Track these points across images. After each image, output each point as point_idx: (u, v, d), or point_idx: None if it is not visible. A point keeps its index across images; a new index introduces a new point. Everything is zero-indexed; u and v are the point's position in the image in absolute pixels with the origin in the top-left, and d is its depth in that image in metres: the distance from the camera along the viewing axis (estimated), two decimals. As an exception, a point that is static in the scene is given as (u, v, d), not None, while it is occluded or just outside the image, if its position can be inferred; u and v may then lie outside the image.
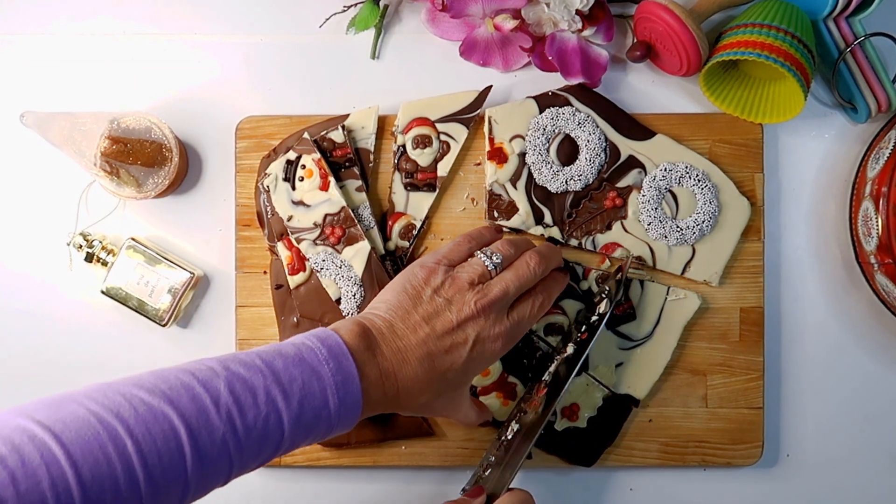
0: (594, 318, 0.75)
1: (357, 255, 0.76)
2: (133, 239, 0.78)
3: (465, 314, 0.65)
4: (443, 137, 0.78)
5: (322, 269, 0.76)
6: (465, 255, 0.69)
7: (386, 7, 0.80)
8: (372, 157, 0.78)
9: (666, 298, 0.77)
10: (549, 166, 0.77)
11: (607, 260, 0.78)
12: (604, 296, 0.75)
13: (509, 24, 0.75)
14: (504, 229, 0.78)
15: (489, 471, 0.71)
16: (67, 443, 0.49)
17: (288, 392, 0.56)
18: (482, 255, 0.68)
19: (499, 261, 0.68)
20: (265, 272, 0.79)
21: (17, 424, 0.49)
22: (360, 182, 0.78)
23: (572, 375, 0.73)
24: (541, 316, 0.70)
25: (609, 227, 0.78)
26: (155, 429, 0.51)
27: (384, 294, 0.67)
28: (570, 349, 0.74)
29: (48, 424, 0.49)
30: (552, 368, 0.74)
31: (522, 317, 0.68)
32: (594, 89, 0.78)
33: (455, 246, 0.69)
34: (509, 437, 0.72)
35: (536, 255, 0.69)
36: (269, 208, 0.78)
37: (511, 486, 0.70)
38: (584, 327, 0.75)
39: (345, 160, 0.78)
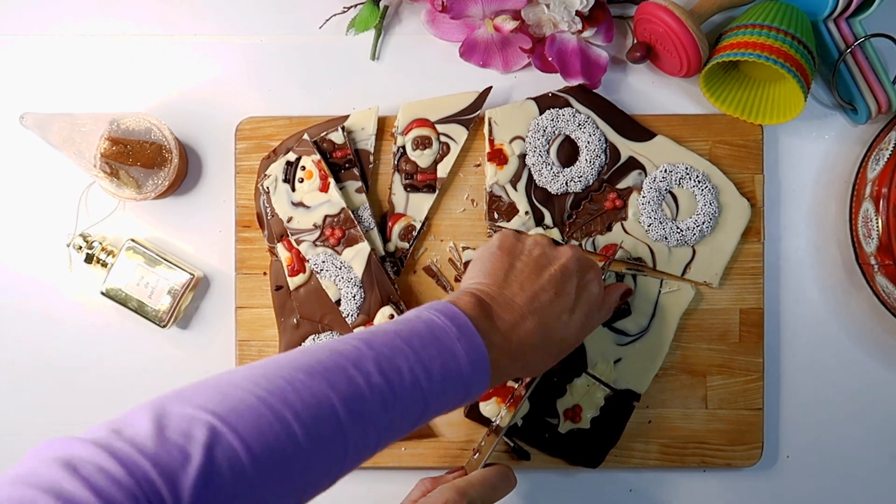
0: None
1: (357, 256, 0.76)
2: (133, 240, 0.78)
3: (566, 256, 0.66)
4: (443, 139, 0.78)
5: (322, 270, 0.76)
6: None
7: (386, 8, 0.80)
8: (372, 158, 0.78)
9: (660, 292, 0.77)
10: (549, 168, 0.77)
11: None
12: None
13: (509, 25, 0.75)
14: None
15: (476, 455, 0.72)
16: (244, 433, 0.49)
17: (429, 371, 0.57)
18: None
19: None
20: (265, 273, 0.79)
21: (191, 415, 0.49)
22: (359, 183, 0.78)
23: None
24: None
25: (609, 229, 0.78)
26: (319, 413, 0.52)
27: (478, 265, 0.67)
28: None
29: (222, 415, 0.50)
30: None
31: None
32: (594, 90, 0.78)
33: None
34: (496, 422, 0.73)
35: None
36: (268, 209, 0.78)
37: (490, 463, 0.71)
38: None
39: (345, 161, 0.77)
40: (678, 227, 0.77)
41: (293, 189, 0.77)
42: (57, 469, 0.45)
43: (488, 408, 0.77)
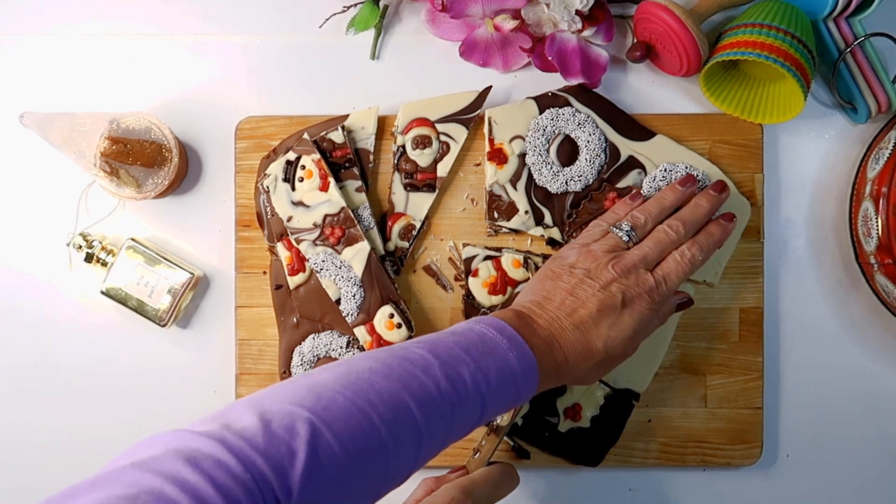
0: None
1: (357, 255, 0.76)
2: (133, 239, 0.78)
3: (606, 278, 0.67)
4: (442, 138, 0.78)
5: (322, 269, 0.76)
6: (600, 235, 0.71)
7: (386, 7, 0.80)
8: (372, 157, 0.78)
9: None
10: (549, 167, 0.77)
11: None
12: None
13: (509, 24, 0.75)
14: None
15: (477, 454, 0.72)
16: (338, 431, 0.53)
17: (488, 378, 0.61)
18: (614, 228, 0.71)
19: (629, 228, 0.70)
20: (265, 273, 0.79)
21: (292, 412, 0.53)
22: (359, 183, 0.78)
23: None
24: (692, 270, 0.69)
25: (609, 228, 0.78)
26: (398, 413, 0.56)
27: (528, 285, 0.71)
28: None
29: (319, 413, 0.53)
30: None
31: (668, 271, 0.68)
32: (594, 90, 0.78)
33: (587, 229, 0.73)
34: (497, 421, 0.73)
35: (676, 220, 0.70)
36: (268, 209, 0.78)
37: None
38: None
39: (344, 161, 0.77)
40: (678, 227, 0.77)
41: (293, 188, 0.77)
42: (179, 461, 0.48)
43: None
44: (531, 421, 0.77)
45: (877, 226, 0.73)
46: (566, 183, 0.77)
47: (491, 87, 0.78)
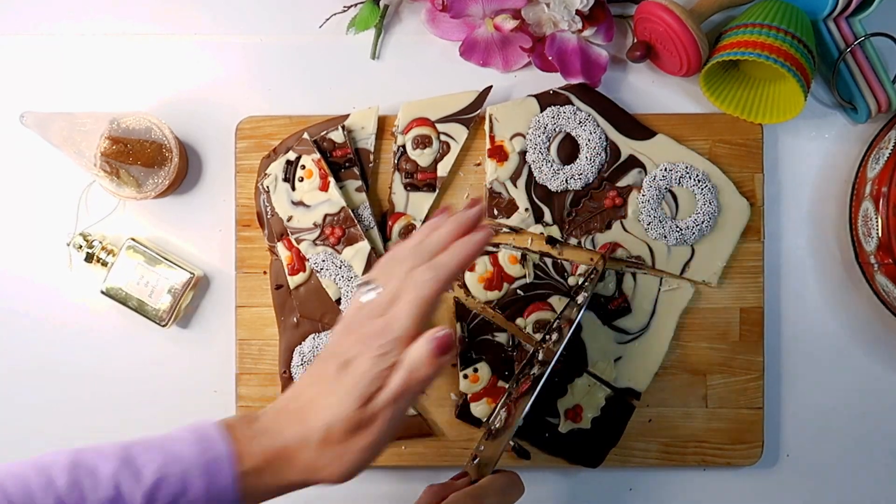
0: (574, 308, 0.75)
1: (357, 255, 0.76)
2: (133, 239, 0.78)
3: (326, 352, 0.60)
4: (443, 138, 0.78)
5: (322, 269, 0.76)
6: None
7: (386, 7, 0.80)
8: (372, 157, 0.78)
9: (659, 290, 0.77)
10: (549, 165, 0.77)
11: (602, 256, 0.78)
12: (585, 283, 0.76)
13: (509, 24, 0.75)
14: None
15: (476, 459, 0.72)
16: None
17: (139, 476, 0.56)
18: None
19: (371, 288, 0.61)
20: (265, 272, 0.79)
21: None
22: (359, 182, 0.78)
23: (554, 359, 0.72)
24: (430, 293, 0.58)
25: (609, 227, 0.78)
26: None
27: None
28: (553, 336, 0.74)
29: None
30: (539, 358, 0.75)
31: (396, 310, 0.58)
32: (595, 88, 0.78)
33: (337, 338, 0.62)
34: (497, 426, 0.73)
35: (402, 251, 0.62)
36: (268, 208, 0.78)
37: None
38: (568, 312, 0.75)
39: (345, 160, 0.78)
40: (677, 226, 0.77)
41: (293, 188, 0.77)
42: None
43: (479, 408, 0.77)
44: (532, 422, 0.77)
45: (877, 226, 0.73)
46: (566, 181, 0.77)
47: (491, 86, 0.78)
